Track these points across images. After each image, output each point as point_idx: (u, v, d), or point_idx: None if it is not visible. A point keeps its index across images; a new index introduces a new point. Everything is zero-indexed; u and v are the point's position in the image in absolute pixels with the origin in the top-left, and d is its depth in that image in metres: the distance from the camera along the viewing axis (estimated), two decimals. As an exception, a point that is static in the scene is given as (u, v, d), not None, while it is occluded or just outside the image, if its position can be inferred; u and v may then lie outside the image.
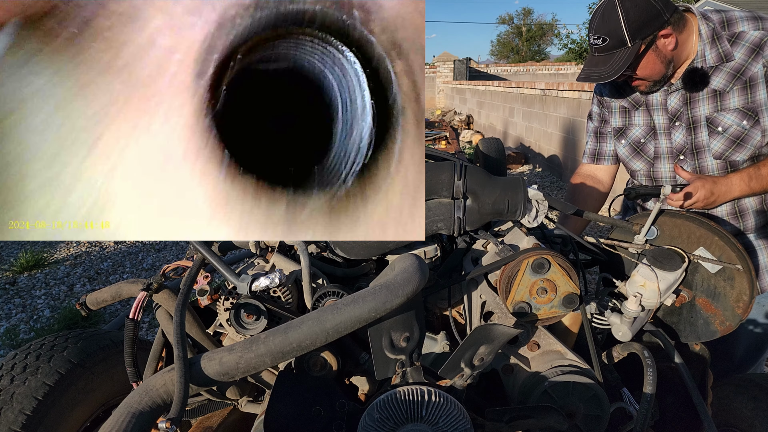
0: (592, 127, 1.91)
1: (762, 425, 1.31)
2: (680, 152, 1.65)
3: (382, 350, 0.98)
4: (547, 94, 7.91)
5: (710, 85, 1.55)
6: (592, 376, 1.08)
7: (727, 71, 1.52)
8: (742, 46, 1.50)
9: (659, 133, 1.68)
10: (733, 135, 1.55)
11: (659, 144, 1.69)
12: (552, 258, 1.09)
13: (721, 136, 1.56)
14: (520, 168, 8.64)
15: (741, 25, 1.52)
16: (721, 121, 1.55)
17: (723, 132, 1.56)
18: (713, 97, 1.56)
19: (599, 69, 1.51)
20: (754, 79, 1.50)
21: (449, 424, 0.88)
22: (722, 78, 1.53)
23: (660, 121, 1.67)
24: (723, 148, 1.57)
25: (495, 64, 32.67)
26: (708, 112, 1.57)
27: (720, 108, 1.56)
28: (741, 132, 1.54)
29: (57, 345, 1.40)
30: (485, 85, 12.38)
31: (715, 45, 1.53)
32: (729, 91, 1.53)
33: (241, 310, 1.08)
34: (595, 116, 1.89)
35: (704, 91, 1.57)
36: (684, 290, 1.28)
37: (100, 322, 3.47)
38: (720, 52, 1.52)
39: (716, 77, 1.54)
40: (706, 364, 1.39)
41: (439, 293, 1.24)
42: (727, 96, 1.54)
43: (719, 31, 1.53)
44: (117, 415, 0.83)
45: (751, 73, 1.50)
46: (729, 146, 1.56)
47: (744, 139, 1.54)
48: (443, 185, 1.14)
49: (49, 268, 4.50)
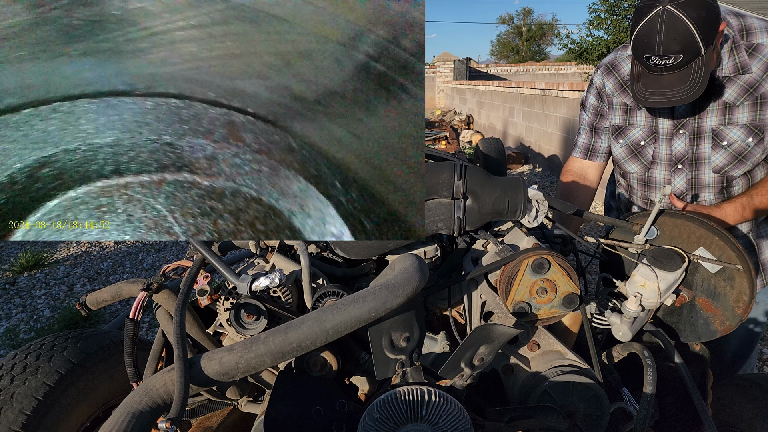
0: (587, 120, 1.82)
1: (762, 425, 1.31)
2: (679, 161, 1.62)
3: (382, 350, 0.98)
4: (547, 94, 7.91)
5: (722, 97, 1.50)
6: (592, 376, 1.08)
7: (740, 84, 1.48)
8: (759, 59, 1.45)
9: (660, 138, 1.64)
10: (736, 151, 1.51)
11: (658, 149, 1.65)
12: (552, 258, 1.09)
13: (724, 151, 1.53)
14: (520, 168, 8.64)
15: (760, 37, 1.46)
16: (726, 135, 1.51)
17: (727, 147, 1.52)
18: (723, 109, 1.51)
19: (679, 89, 1.37)
20: (766, 96, 1.45)
21: (449, 424, 0.88)
22: (734, 90, 1.49)
23: (663, 126, 1.62)
24: (724, 162, 1.54)
25: (495, 64, 32.67)
26: (715, 124, 1.53)
27: (727, 121, 1.51)
28: (744, 149, 1.51)
29: (57, 345, 1.40)
30: (485, 85, 12.37)
31: (732, 54, 1.48)
32: (739, 105, 1.49)
33: (241, 310, 1.08)
34: (591, 108, 1.80)
35: (715, 102, 1.52)
36: (684, 290, 1.28)
37: (100, 322, 3.47)
38: (737, 62, 1.47)
39: (729, 89, 1.49)
40: (706, 364, 1.39)
41: (439, 293, 1.24)
42: (737, 110, 1.49)
43: (738, 39, 1.48)
44: (117, 415, 0.83)
45: (764, 90, 1.45)
46: (730, 161, 1.53)
47: (746, 156, 1.52)
48: (443, 185, 1.14)
49: (49, 268, 4.50)
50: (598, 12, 14.87)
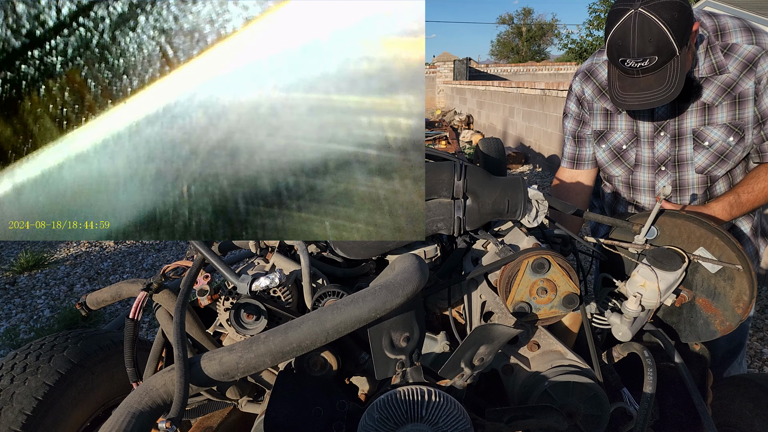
0: (570, 129, 1.83)
1: (762, 425, 1.31)
2: (662, 163, 1.62)
3: (382, 350, 0.98)
4: (547, 94, 7.91)
5: (700, 98, 1.51)
6: (592, 376, 1.08)
7: (717, 84, 1.48)
8: (735, 59, 1.46)
9: (642, 141, 1.64)
10: (717, 150, 1.52)
11: (641, 152, 1.65)
12: (552, 258, 1.09)
13: (706, 151, 1.54)
14: (520, 168, 8.64)
15: (734, 37, 1.47)
16: (707, 136, 1.52)
17: (709, 147, 1.53)
18: (702, 110, 1.52)
19: (656, 90, 1.36)
20: (744, 95, 1.46)
21: (449, 424, 0.88)
22: (712, 91, 1.49)
23: (644, 128, 1.62)
24: (707, 162, 1.55)
25: (495, 64, 32.65)
26: (695, 125, 1.54)
27: (707, 122, 1.52)
28: (726, 148, 1.52)
29: (57, 345, 1.40)
30: (485, 85, 12.37)
31: (708, 55, 1.48)
32: (718, 105, 1.49)
33: (241, 310, 1.08)
34: (572, 115, 1.81)
35: (694, 103, 1.52)
36: (684, 290, 1.28)
37: (100, 322, 3.47)
38: (713, 63, 1.48)
39: (706, 89, 1.50)
40: (706, 364, 1.39)
41: (439, 293, 1.24)
42: (716, 110, 1.50)
43: (713, 40, 1.49)
44: (117, 415, 0.83)
45: (742, 89, 1.46)
46: (713, 161, 1.54)
47: (728, 155, 1.52)
48: (443, 185, 1.14)
49: (49, 268, 4.50)
50: (598, 12, 14.89)
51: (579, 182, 1.85)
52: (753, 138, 1.51)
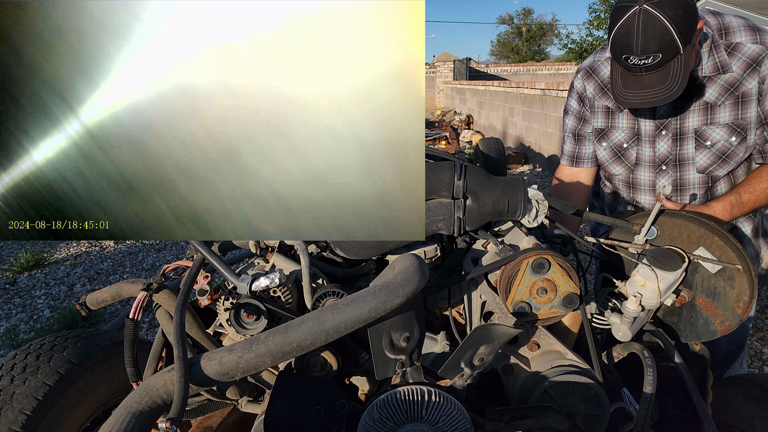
0: (570, 127, 1.81)
1: (762, 425, 1.31)
2: (663, 162, 1.61)
3: (382, 350, 0.98)
4: (547, 94, 7.91)
5: (703, 97, 1.50)
6: (592, 376, 1.09)
7: (721, 83, 1.48)
8: (739, 59, 1.45)
9: (643, 140, 1.63)
10: (719, 150, 1.51)
11: (642, 151, 1.64)
12: (552, 258, 1.09)
13: (708, 151, 1.53)
14: (520, 168, 8.64)
15: (739, 36, 1.46)
16: (709, 135, 1.51)
17: (711, 147, 1.52)
18: (704, 109, 1.51)
19: (659, 89, 1.35)
20: (747, 95, 1.45)
21: (449, 424, 0.88)
22: (715, 90, 1.48)
23: (646, 127, 1.61)
24: (708, 162, 1.54)
25: (495, 64, 32.67)
26: (697, 125, 1.53)
27: (710, 121, 1.51)
28: (728, 148, 1.51)
29: (57, 345, 1.40)
30: (485, 85, 12.37)
31: (712, 54, 1.48)
32: (720, 105, 1.48)
33: (241, 310, 1.09)
34: (573, 113, 1.79)
35: (697, 102, 1.51)
36: (684, 290, 1.28)
37: (100, 322, 3.47)
38: (717, 62, 1.47)
39: (709, 88, 1.49)
40: (706, 364, 1.39)
41: (439, 293, 1.24)
42: (718, 110, 1.49)
43: (717, 39, 1.48)
44: (117, 415, 0.83)
45: (745, 89, 1.45)
46: (714, 161, 1.53)
47: (729, 155, 1.52)
48: (443, 185, 1.14)
49: (49, 268, 4.50)
50: (598, 12, 14.90)
51: (579, 180, 1.85)
52: (756, 138, 1.51)
